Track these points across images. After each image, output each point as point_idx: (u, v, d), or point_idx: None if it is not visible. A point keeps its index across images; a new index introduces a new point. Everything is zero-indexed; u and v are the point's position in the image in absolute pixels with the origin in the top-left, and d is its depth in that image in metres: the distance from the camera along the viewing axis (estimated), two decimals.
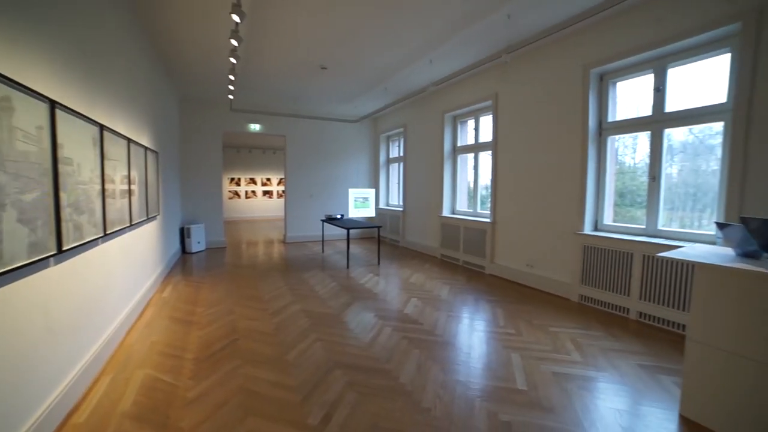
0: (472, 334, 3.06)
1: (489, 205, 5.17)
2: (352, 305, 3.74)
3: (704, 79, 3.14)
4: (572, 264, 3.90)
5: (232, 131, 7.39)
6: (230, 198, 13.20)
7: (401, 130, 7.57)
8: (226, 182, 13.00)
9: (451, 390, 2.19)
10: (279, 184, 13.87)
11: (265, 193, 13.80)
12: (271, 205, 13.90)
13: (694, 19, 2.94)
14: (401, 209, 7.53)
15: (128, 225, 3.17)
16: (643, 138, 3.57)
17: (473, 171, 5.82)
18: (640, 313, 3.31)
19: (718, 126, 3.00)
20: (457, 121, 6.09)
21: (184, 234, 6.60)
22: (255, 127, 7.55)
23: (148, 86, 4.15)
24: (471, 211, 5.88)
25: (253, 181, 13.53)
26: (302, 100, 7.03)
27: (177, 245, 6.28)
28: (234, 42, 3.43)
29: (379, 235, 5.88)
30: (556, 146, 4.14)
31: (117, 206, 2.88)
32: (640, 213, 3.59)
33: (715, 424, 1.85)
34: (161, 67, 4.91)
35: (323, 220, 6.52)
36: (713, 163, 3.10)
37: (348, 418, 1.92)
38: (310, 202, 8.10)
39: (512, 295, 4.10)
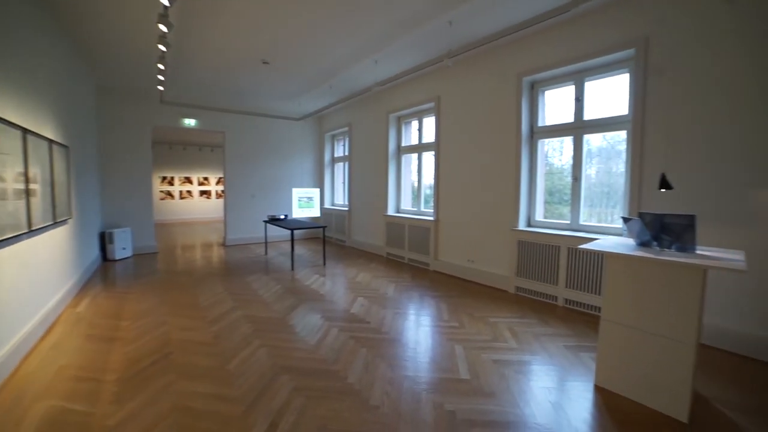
0: (418, 329, 3.15)
1: (432, 204, 5.36)
2: (297, 308, 3.64)
3: (613, 93, 3.57)
4: (509, 258, 4.20)
5: (163, 126, 6.76)
6: (162, 199, 12.10)
7: (346, 129, 7.54)
8: (156, 181, 11.88)
9: (398, 386, 2.24)
10: (218, 183, 13.02)
11: (203, 193, 12.86)
12: (210, 206, 13.01)
13: (602, 42, 3.35)
14: (347, 209, 7.51)
15: (26, 231, 2.71)
16: (568, 142, 3.96)
17: (417, 171, 5.99)
18: (567, 300, 3.67)
19: (623, 134, 3.44)
20: (402, 121, 6.23)
21: (105, 239, 5.89)
22: (190, 122, 7.00)
23: (54, 68, 3.62)
24: (415, 210, 6.05)
25: (188, 181, 12.54)
26: (243, 96, 6.67)
27: (96, 252, 5.59)
28: (163, 27, 3.14)
29: (324, 236, 5.81)
30: (493, 148, 4.42)
31: (9, 209, 2.46)
32: (566, 210, 3.98)
33: (622, 389, 2.14)
34: (70, 47, 4.30)
35: (266, 221, 6.25)
36: (621, 166, 3.54)
37: (295, 424, 1.87)
38: (252, 202, 7.72)
39: (455, 290, 4.30)
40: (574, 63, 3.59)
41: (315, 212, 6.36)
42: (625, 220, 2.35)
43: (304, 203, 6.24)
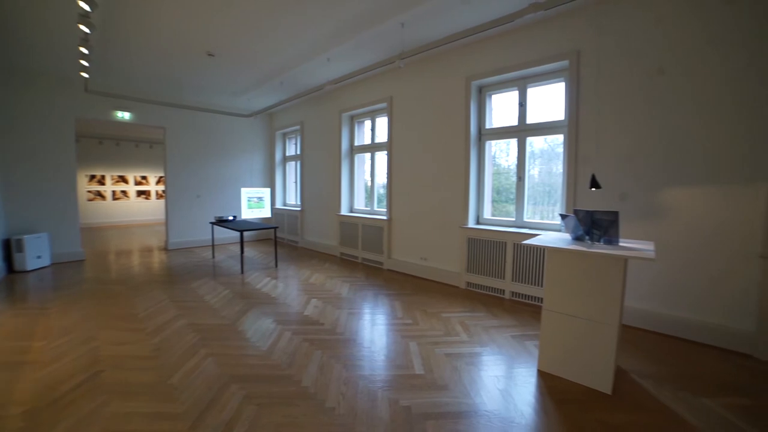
0: (372, 328, 3.17)
1: (385, 203, 5.41)
2: (248, 312, 3.49)
3: (552, 100, 3.86)
4: (459, 255, 4.37)
5: (90, 118, 6.06)
6: (91, 200, 10.87)
7: (298, 127, 7.35)
8: (83, 180, 10.66)
9: (354, 385, 2.23)
10: (159, 182, 12.01)
11: (141, 193, 11.78)
12: (149, 208, 11.96)
13: (541, 53, 3.62)
14: (299, 209, 7.34)
15: None
16: (513, 144, 4.21)
17: (370, 170, 6.02)
18: (513, 293, 3.91)
19: (561, 137, 3.74)
20: (355, 120, 6.21)
21: (11, 248, 5.05)
22: (124, 114, 6.36)
23: None
24: (368, 209, 6.08)
25: (123, 180, 11.40)
26: (187, 89, 6.23)
27: None
28: (84, 5, 2.81)
29: (276, 237, 5.62)
30: (444, 148, 4.57)
31: None
32: (512, 208, 4.23)
33: (560, 371, 2.33)
34: None
35: (213, 223, 5.90)
36: (559, 167, 3.84)
37: None
38: (198, 203, 7.24)
39: (408, 288, 4.39)
40: (517, 70, 3.83)
41: (266, 213, 6.13)
42: (563, 216, 2.56)
43: (254, 203, 5.99)
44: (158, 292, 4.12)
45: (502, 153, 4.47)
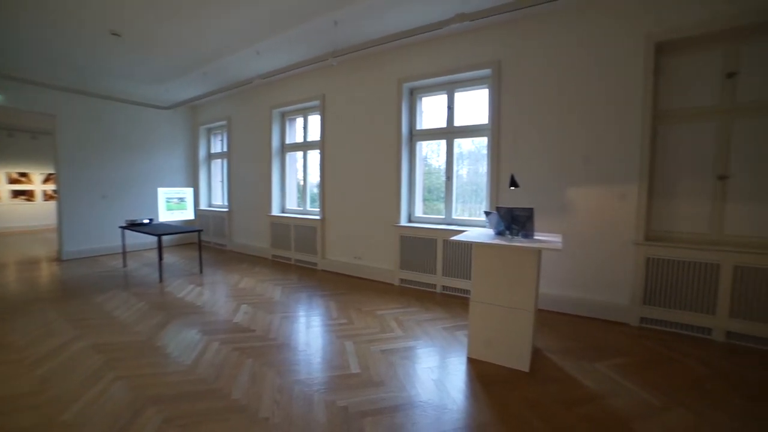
0: (307, 330, 3.09)
1: (318, 202, 5.31)
2: (168, 325, 3.15)
3: (478, 104, 4.15)
4: (392, 253, 4.48)
5: None
6: None
7: (225, 122, 6.85)
8: None
9: (288, 392, 2.15)
10: (46, 181, 10.19)
11: (18, 194, 9.83)
12: (33, 211, 10.04)
13: (467, 61, 3.87)
14: (227, 210, 6.85)
15: None
16: (443, 145, 4.43)
17: (303, 169, 5.86)
18: (444, 287, 4.12)
19: (485, 140, 4.04)
20: (286, 118, 5.99)
21: None
22: None
23: None
24: (301, 209, 5.91)
25: None
26: (87, 72, 5.38)
27: None
28: None
29: (200, 240, 5.17)
30: (376, 148, 4.63)
31: None
32: (442, 206, 4.45)
33: (487, 356, 2.52)
34: None
35: (123, 227, 5.21)
36: (485, 167, 4.15)
37: None
38: (104, 205, 6.32)
39: (343, 287, 4.37)
40: (446, 75, 4.05)
41: (188, 214, 5.61)
42: (487, 213, 2.77)
43: (175, 205, 5.44)
44: (48, 312, 3.48)
45: (433, 153, 4.67)
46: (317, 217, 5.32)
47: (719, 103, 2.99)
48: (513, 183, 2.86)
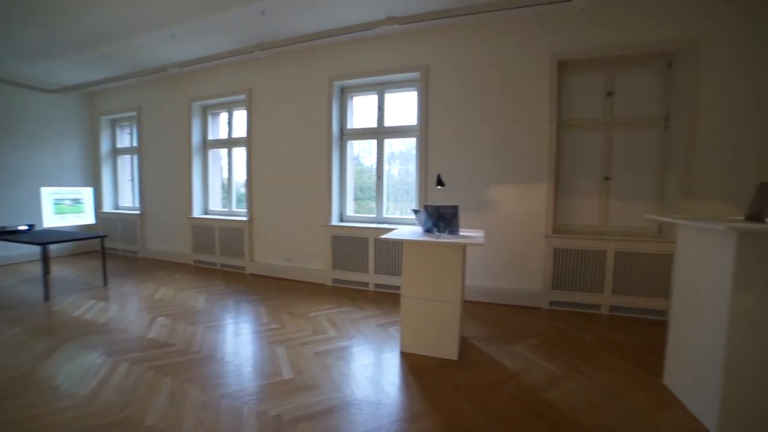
0: (235, 339, 2.90)
1: (245, 203, 5.02)
2: (56, 351, 2.65)
3: (407, 106, 4.29)
4: (324, 253, 4.42)
5: None
6: None
7: (134, 114, 6.05)
8: None
9: (215, 408, 2.00)
10: None
11: None
12: None
13: (397, 63, 3.99)
14: (138, 212, 6.09)
15: None
16: (374, 144, 4.48)
17: (227, 168, 5.47)
18: (376, 285, 4.19)
19: (414, 140, 4.19)
20: (208, 112, 5.53)
21: None
22: None
23: None
24: (226, 210, 5.53)
25: None
26: None
27: None
28: None
29: (104, 248, 4.49)
30: (306, 146, 4.52)
31: None
32: (374, 205, 4.51)
33: (419, 349, 2.62)
34: None
35: None
36: (415, 167, 4.30)
37: None
38: None
39: (273, 291, 4.20)
40: (376, 75, 4.11)
41: (87, 218, 4.85)
42: (415, 211, 2.88)
43: (68, 207, 4.67)
44: None
45: (365, 153, 4.72)
46: (244, 218, 5.01)
47: (602, 117, 3.53)
48: (439, 182, 3.02)
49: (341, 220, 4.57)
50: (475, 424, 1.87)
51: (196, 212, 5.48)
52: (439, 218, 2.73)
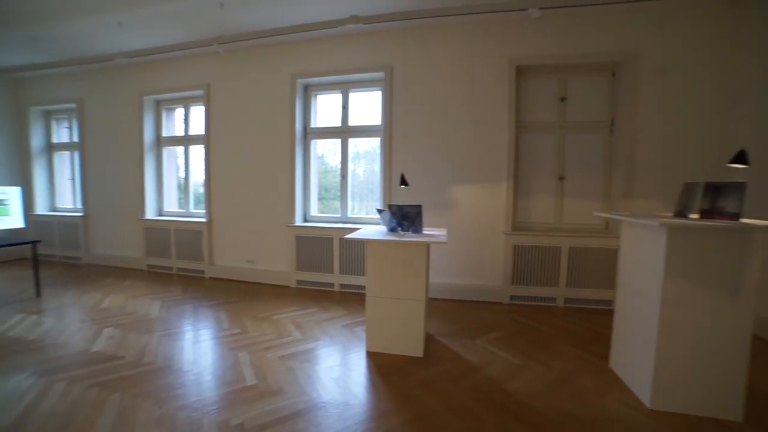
0: (194, 347, 2.75)
1: (204, 203, 4.78)
2: None
3: (371, 105, 4.29)
4: (288, 254, 4.32)
5: None
6: None
7: (74, 106, 5.52)
8: None
9: (171, 422, 1.88)
10: None
11: None
12: None
13: (361, 62, 3.98)
14: (81, 214, 5.59)
15: None
16: (338, 143, 4.44)
17: (184, 166, 5.18)
18: (342, 285, 4.16)
19: (379, 140, 4.21)
20: (162, 107, 5.19)
21: None
22: None
23: None
24: (183, 211, 5.23)
25: None
26: None
27: None
28: None
29: (36, 254, 4.04)
30: (269, 145, 4.39)
31: None
32: (338, 204, 4.47)
33: (384, 348, 2.63)
34: None
35: None
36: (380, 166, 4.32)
37: None
38: None
39: (235, 295, 4.04)
40: (341, 74, 4.08)
41: (13, 222, 4.37)
42: (379, 211, 2.89)
43: None
44: None
45: (330, 152, 4.66)
46: (203, 220, 4.77)
47: (557, 120, 3.74)
48: (403, 182, 3.05)
49: (305, 221, 4.48)
50: (440, 419, 1.92)
51: (150, 214, 5.13)
52: (403, 217, 2.76)
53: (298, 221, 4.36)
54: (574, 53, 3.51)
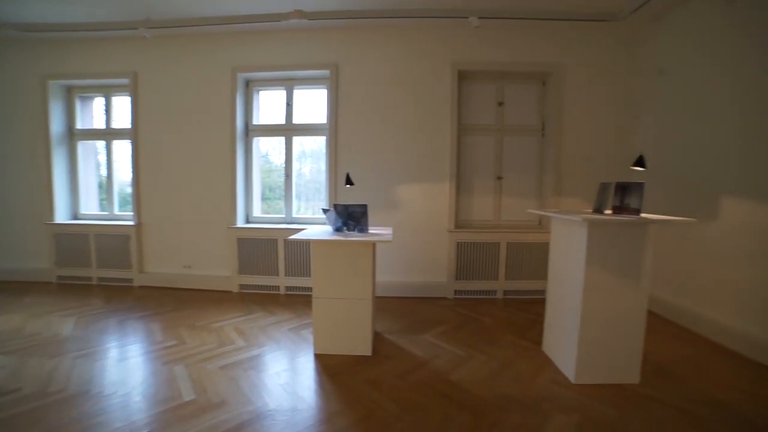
0: (118, 366, 2.47)
1: (132, 205, 4.32)
2: None
3: (317, 103, 4.20)
4: (230, 257, 4.09)
5: None
6: None
7: None
8: None
9: None
10: None
11: None
12: None
13: (307, 59, 3.88)
14: None
15: None
16: (283, 142, 4.28)
17: (106, 163, 4.63)
18: (287, 287, 4.03)
19: (324, 139, 4.14)
20: (76, 94, 4.58)
21: None
22: None
23: None
24: (106, 213, 4.68)
25: None
26: None
27: None
28: None
29: None
30: (207, 142, 4.10)
31: None
32: (284, 204, 4.32)
33: (333, 349, 2.60)
34: None
35: None
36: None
37: None
38: None
39: (170, 303, 3.71)
40: (285, 70, 3.95)
41: None
42: (325, 211, 2.84)
43: None
44: None
45: (274, 151, 4.49)
46: (131, 223, 4.31)
47: (495, 123, 3.99)
48: (348, 181, 3.04)
49: (248, 222, 4.27)
50: (389, 415, 1.94)
51: (61, 217, 4.50)
52: (349, 217, 2.74)
53: (240, 222, 4.13)
54: (510, 62, 3.77)
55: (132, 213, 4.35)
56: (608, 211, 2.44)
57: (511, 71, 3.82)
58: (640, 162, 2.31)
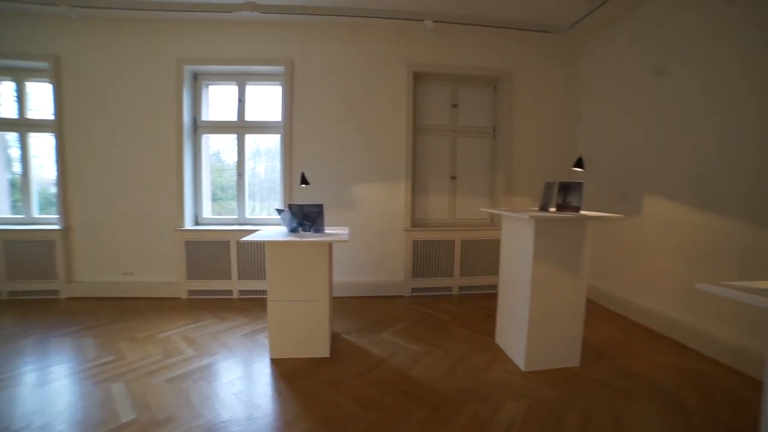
0: (37, 392, 2.14)
1: (57, 206, 3.86)
2: None
3: (271, 100, 4.04)
4: (177, 261, 3.81)
5: None
6: None
7: None
8: None
9: None
10: None
11: None
12: None
13: (260, 54, 3.73)
14: None
15: None
16: (235, 140, 4.07)
17: (21, 159, 4.09)
18: (241, 291, 3.85)
19: (279, 137, 4.00)
20: None
21: None
22: None
23: None
24: (22, 216, 4.11)
25: None
26: None
27: None
28: None
29: None
30: (149, 138, 3.78)
31: None
32: (236, 205, 4.11)
33: (290, 353, 2.53)
34: None
35: None
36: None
37: None
38: None
39: (106, 315, 3.36)
40: (237, 65, 3.76)
41: None
42: (279, 211, 2.75)
43: None
44: None
45: (227, 149, 4.25)
46: (56, 227, 3.85)
47: (449, 125, 4.11)
48: (304, 181, 2.98)
49: (197, 223, 4.01)
50: (348, 415, 1.92)
51: None
52: (304, 217, 2.68)
53: (188, 224, 3.87)
54: (463, 66, 3.91)
55: (57, 216, 3.89)
56: (552, 209, 2.62)
57: (465, 75, 3.97)
58: (579, 163, 2.51)
